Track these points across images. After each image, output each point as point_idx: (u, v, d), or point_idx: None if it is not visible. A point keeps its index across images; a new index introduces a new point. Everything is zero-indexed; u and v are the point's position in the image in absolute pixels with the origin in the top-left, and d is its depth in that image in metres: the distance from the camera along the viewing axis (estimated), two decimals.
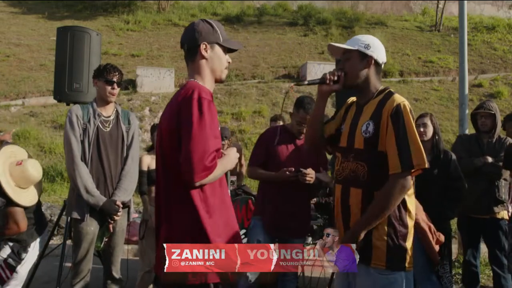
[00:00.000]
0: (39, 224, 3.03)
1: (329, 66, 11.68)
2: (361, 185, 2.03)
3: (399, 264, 1.98)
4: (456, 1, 7.45)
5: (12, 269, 2.88)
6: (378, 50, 2.13)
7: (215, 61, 1.92)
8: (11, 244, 2.89)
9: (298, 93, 11.02)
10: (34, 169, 2.91)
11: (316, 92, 2.27)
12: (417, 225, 2.88)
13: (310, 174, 3.11)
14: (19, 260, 2.90)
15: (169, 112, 1.87)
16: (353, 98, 2.29)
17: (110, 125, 3.12)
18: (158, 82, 11.54)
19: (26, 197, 2.90)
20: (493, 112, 3.92)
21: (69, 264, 3.32)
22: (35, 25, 14.47)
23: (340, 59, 2.23)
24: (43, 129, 9.76)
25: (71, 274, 3.10)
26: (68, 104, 3.89)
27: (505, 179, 3.84)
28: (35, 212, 3.01)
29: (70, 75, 3.78)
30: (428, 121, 3.55)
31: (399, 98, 2.03)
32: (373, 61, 2.11)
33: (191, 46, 1.91)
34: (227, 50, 1.98)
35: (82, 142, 3.01)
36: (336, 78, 2.14)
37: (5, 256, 2.87)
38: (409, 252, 2.00)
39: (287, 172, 3.12)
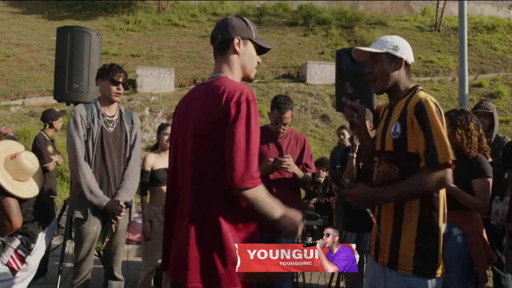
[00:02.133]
0: (45, 215, 3.03)
1: (329, 66, 11.68)
2: None
3: (427, 270, 1.92)
4: (456, 1, 7.46)
5: (23, 260, 2.90)
6: (406, 50, 2.08)
7: (247, 57, 1.87)
8: (19, 236, 2.92)
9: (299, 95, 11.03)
10: (28, 161, 2.91)
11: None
12: (473, 238, 2.80)
13: (287, 162, 3.12)
14: (28, 251, 2.92)
15: (201, 109, 1.76)
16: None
17: (114, 125, 3.11)
18: (158, 82, 11.55)
19: (26, 189, 2.90)
20: (491, 112, 3.92)
21: (69, 264, 3.32)
22: (35, 25, 14.49)
23: (367, 63, 2.14)
24: None
25: (72, 274, 3.10)
26: (68, 104, 3.89)
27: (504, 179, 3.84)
28: (40, 203, 3.01)
29: (70, 75, 3.78)
30: None
31: (422, 94, 1.98)
32: (403, 63, 2.06)
33: (223, 39, 1.84)
34: (258, 51, 1.92)
35: (86, 142, 3.01)
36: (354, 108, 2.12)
37: (15, 247, 2.90)
38: (440, 257, 1.95)
39: (268, 163, 3.15)
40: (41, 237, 2.97)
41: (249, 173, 1.66)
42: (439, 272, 1.93)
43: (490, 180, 2.85)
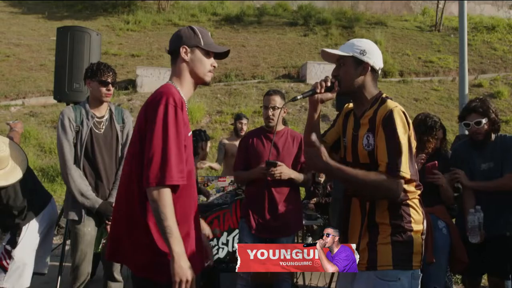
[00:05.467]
0: (33, 205, 2.99)
1: (329, 66, 11.69)
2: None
3: (406, 263, 1.94)
4: (456, 1, 7.46)
5: (9, 255, 2.88)
6: (374, 55, 2.03)
7: (196, 63, 1.98)
8: (8, 232, 2.93)
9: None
10: None
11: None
12: (453, 229, 3.03)
13: (278, 170, 3.09)
14: (15, 244, 2.90)
15: (141, 112, 1.90)
16: (351, 105, 2.20)
17: (104, 126, 3.07)
18: (158, 82, 11.54)
19: (6, 176, 2.85)
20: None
21: (69, 264, 3.32)
22: (35, 25, 14.48)
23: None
24: (43, 129, 9.76)
25: (71, 278, 3.05)
26: (68, 104, 3.90)
27: None
28: (29, 192, 2.97)
29: (70, 75, 3.79)
30: None
31: (391, 104, 1.96)
32: (369, 68, 2.02)
33: (173, 50, 2.00)
34: (215, 56, 2.04)
35: (76, 144, 2.98)
36: (329, 84, 2.03)
37: (3, 244, 2.89)
38: (417, 251, 1.97)
39: (260, 168, 3.16)
40: (26, 229, 2.94)
41: (162, 174, 1.72)
42: (415, 264, 1.97)
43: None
